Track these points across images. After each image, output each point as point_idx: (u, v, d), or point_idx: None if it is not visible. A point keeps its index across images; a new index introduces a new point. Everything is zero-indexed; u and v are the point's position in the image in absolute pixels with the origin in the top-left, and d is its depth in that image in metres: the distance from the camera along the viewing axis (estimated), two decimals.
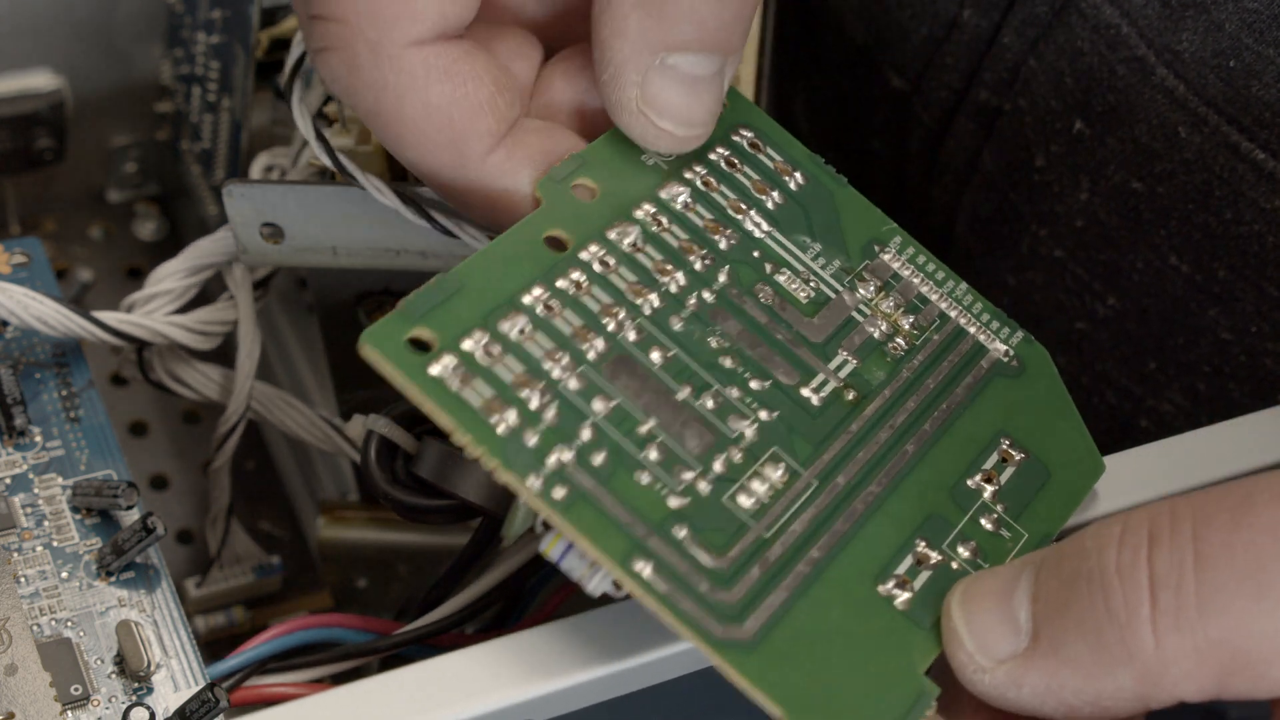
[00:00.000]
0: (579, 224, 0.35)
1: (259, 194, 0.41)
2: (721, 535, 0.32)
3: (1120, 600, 0.30)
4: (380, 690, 0.33)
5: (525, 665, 0.34)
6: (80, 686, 0.36)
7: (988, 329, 0.39)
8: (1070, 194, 0.49)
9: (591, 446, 0.32)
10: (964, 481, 0.36)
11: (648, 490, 0.32)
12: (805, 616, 0.32)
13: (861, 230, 0.39)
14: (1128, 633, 0.30)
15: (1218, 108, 0.44)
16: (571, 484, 0.32)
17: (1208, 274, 0.47)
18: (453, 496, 0.37)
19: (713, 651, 0.31)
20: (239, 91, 0.53)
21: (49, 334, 0.42)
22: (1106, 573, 0.30)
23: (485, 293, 0.33)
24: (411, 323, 0.32)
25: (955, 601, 0.32)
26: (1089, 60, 0.47)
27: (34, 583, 0.38)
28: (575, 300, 0.34)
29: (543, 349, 0.33)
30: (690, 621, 0.31)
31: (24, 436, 0.40)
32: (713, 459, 0.33)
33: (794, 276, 0.37)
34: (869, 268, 0.38)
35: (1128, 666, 0.30)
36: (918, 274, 0.39)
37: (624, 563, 0.31)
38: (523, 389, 0.32)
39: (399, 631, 0.39)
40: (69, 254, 0.60)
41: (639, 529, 0.32)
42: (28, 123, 0.55)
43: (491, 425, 0.32)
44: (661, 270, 0.36)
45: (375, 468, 0.38)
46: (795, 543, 0.33)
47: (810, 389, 0.36)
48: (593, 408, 0.33)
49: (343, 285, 0.44)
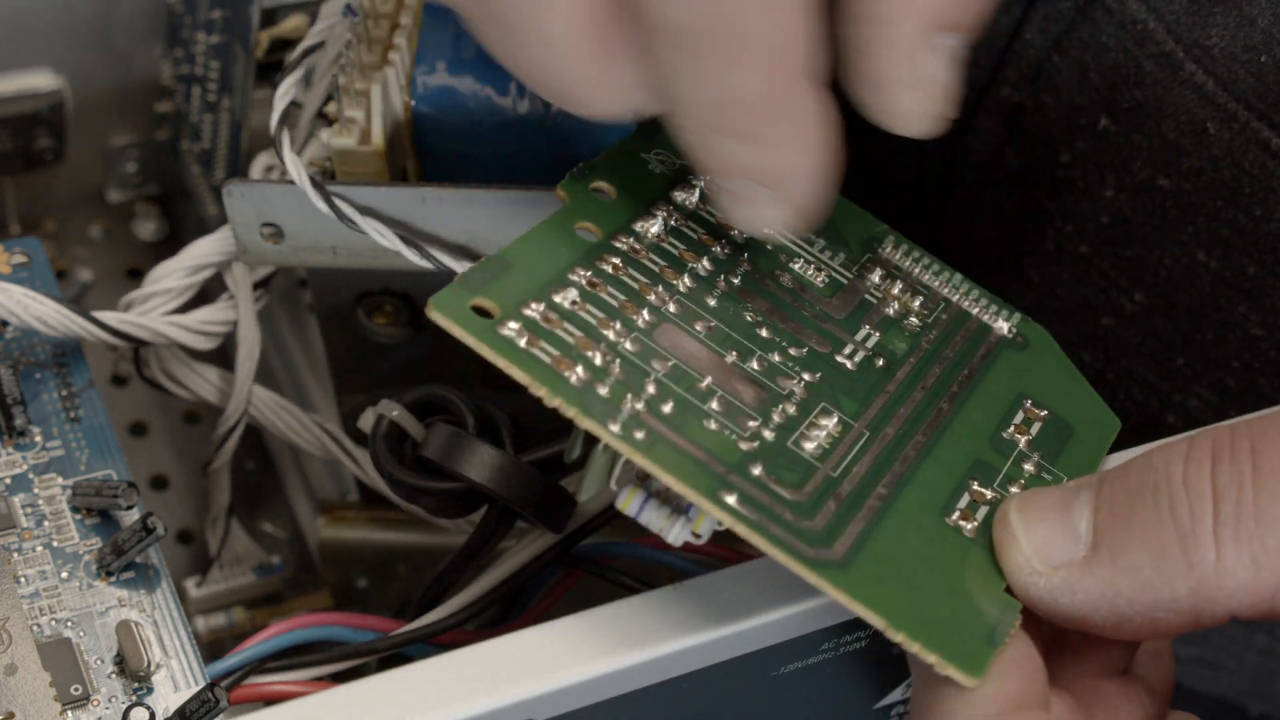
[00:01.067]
0: (605, 218, 0.37)
1: (259, 194, 0.41)
2: (794, 474, 0.34)
3: (1186, 511, 0.31)
4: (380, 689, 0.33)
5: (525, 665, 0.34)
6: (80, 686, 0.36)
7: (989, 310, 0.40)
8: (1096, 191, 0.49)
9: (660, 398, 0.33)
10: (1000, 433, 0.37)
11: (719, 435, 0.33)
12: (885, 542, 0.33)
13: (858, 231, 0.40)
14: (1190, 542, 0.31)
15: (1248, 104, 0.44)
16: (649, 428, 0.33)
17: (1237, 270, 0.47)
18: (459, 479, 0.37)
19: (809, 570, 0.32)
20: (239, 91, 0.53)
21: (49, 334, 0.42)
22: (1174, 484, 0.31)
23: (534, 270, 0.34)
24: (473, 292, 0.33)
25: (1013, 509, 0.33)
26: (1115, 56, 0.47)
27: (34, 583, 0.38)
28: (616, 279, 0.35)
29: (596, 318, 0.34)
30: (783, 544, 0.32)
31: (24, 436, 0.41)
32: (770, 411, 0.35)
33: (807, 265, 0.39)
34: (872, 260, 0.40)
35: (1186, 577, 0.31)
36: (915, 265, 0.40)
37: (712, 495, 0.32)
38: (587, 349, 0.33)
39: (399, 631, 0.39)
40: (69, 254, 0.60)
41: (719, 466, 0.33)
42: (28, 123, 0.55)
43: (565, 377, 0.33)
44: (688, 257, 0.37)
45: (382, 450, 0.38)
46: (861, 481, 0.34)
47: (843, 356, 0.37)
48: (653, 366, 0.34)
49: (343, 285, 0.44)
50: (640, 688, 0.35)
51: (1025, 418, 0.38)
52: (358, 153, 0.41)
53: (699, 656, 0.35)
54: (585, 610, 0.35)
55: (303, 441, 0.48)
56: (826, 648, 0.37)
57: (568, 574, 0.40)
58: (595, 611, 0.35)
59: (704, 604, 0.35)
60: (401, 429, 0.39)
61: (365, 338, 0.45)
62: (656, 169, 0.38)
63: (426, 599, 0.40)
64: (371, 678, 0.34)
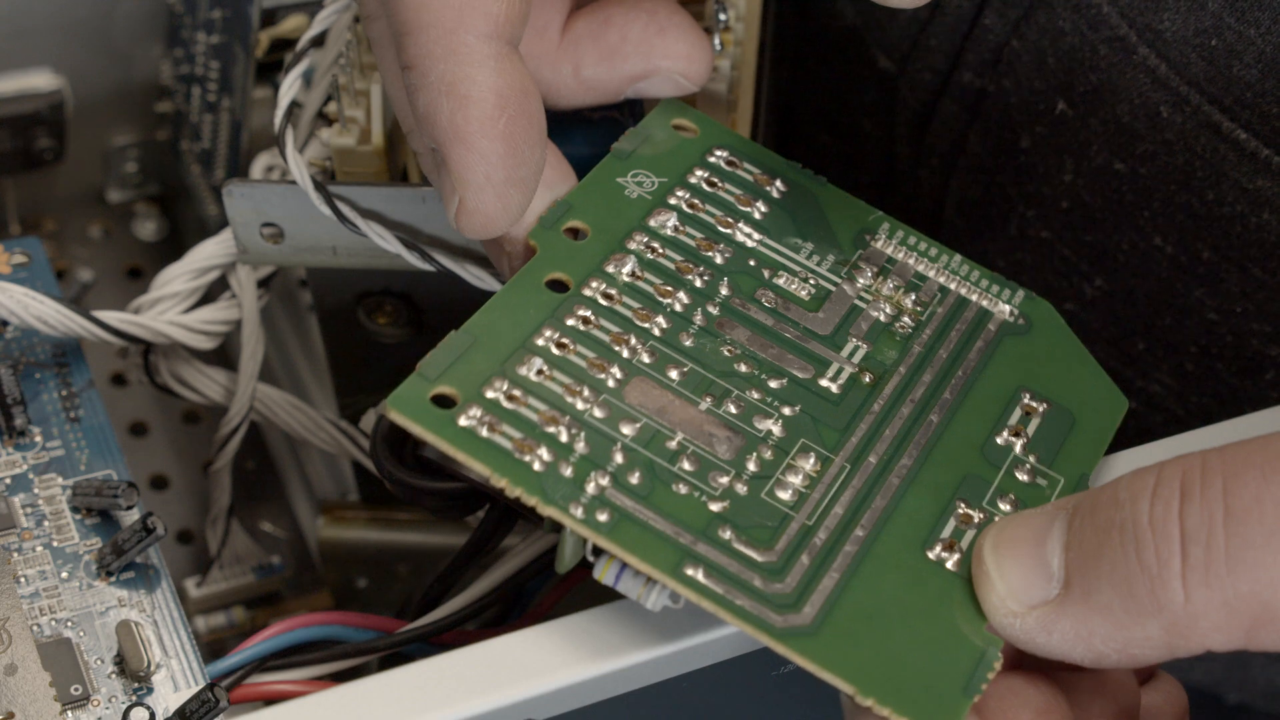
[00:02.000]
0: (576, 263, 0.36)
1: (259, 194, 0.41)
2: (765, 530, 0.33)
3: (1152, 553, 0.30)
4: (380, 689, 0.33)
5: (525, 665, 0.34)
6: (80, 686, 0.36)
7: (989, 294, 0.40)
8: (1055, 175, 0.49)
9: (626, 468, 0.33)
10: (993, 439, 0.37)
11: (687, 499, 0.33)
12: (860, 594, 0.33)
13: (849, 223, 0.40)
14: (1158, 585, 0.30)
15: (1199, 87, 0.45)
16: (613, 506, 0.33)
17: (1192, 255, 0.47)
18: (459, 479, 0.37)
19: (776, 642, 0.32)
20: (239, 91, 0.53)
21: (49, 334, 0.42)
22: (1140, 524, 0.31)
23: (498, 342, 0.34)
24: (431, 382, 0.33)
25: (988, 546, 0.33)
26: (1070, 40, 0.47)
27: (34, 583, 0.38)
28: (586, 334, 0.35)
29: (562, 385, 0.34)
30: (749, 617, 0.32)
31: (24, 436, 0.40)
32: (745, 460, 0.34)
33: (792, 277, 0.38)
34: (863, 256, 0.39)
35: (1157, 617, 0.30)
36: (911, 254, 0.40)
37: (675, 572, 0.32)
38: (550, 425, 0.33)
39: (399, 630, 0.39)
40: (69, 254, 0.60)
41: (685, 537, 0.33)
42: (28, 123, 0.55)
43: (526, 464, 0.33)
44: (663, 293, 0.37)
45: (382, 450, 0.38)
46: (838, 525, 0.34)
47: (827, 379, 0.37)
48: (621, 431, 0.34)
49: (343, 285, 0.44)
50: (640, 688, 0.35)
51: (1023, 414, 0.37)
52: (358, 152, 0.41)
53: (699, 656, 0.35)
54: (585, 610, 0.35)
55: (316, 439, 0.48)
56: None
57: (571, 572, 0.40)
58: (595, 611, 0.35)
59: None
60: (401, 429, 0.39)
61: (365, 338, 0.45)
62: (634, 193, 0.38)
63: (427, 599, 0.40)
64: (371, 678, 0.34)
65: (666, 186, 0.39)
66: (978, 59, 0.50)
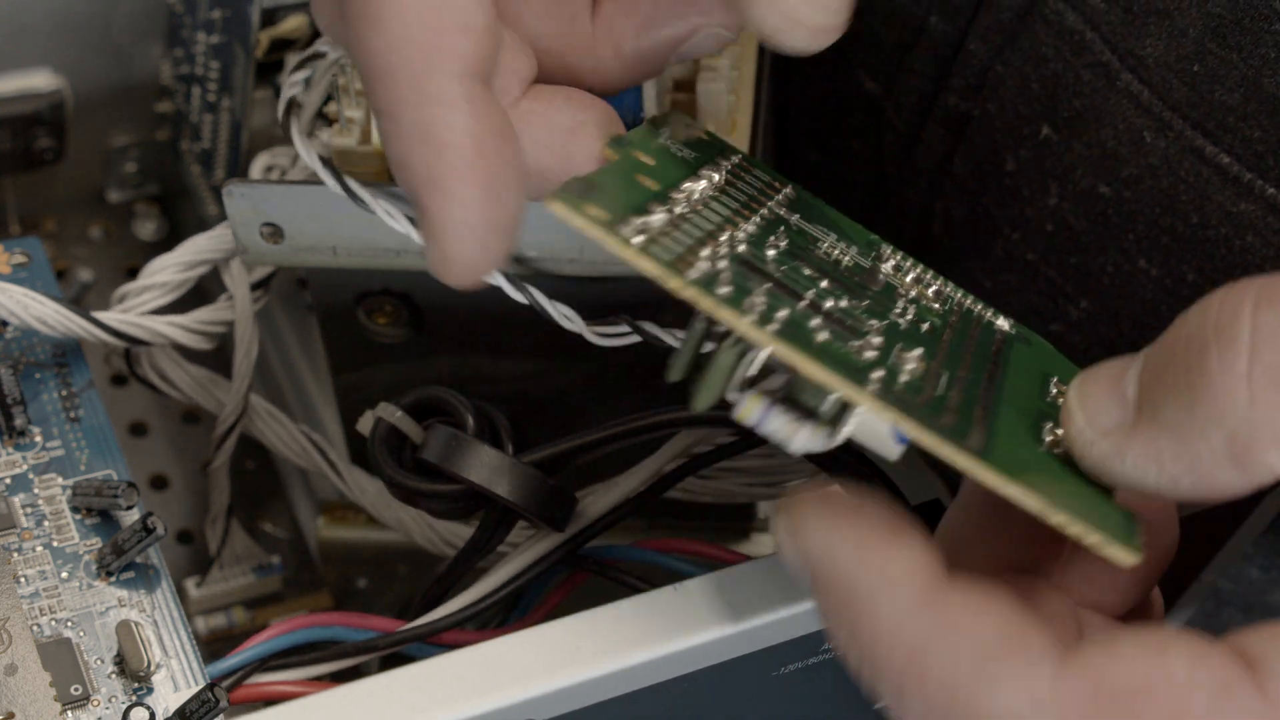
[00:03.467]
0: (654, 175, 0.36)
1: (259, 194, 0.41)
2: (910, 384, 0.33)
3: (1214, 356, 0.30)
4: (380, 690, 0.33)
5: (525, 665, 0.34)
6: (80, 686, 0.36)
7: (988, 311, 0.40)
8: (1040, 198, 0.49)
9: (772, 306, 0.32)
10: (1044, 396, 0.37)
11: (833, 344, 0.33)
12: (1007, 443, 0.33)
13: (858, 235, 0.40)
14: (1220, 388, 0.30)
15: (1182, 112, 0.45)
16: (776, 321, 0.32)
17: (1176, 277, 0.47)
18: (458, 480, 0.37)
19: (959, 453, 0.31)
20: (239, 91, 0.53)
21: (49, 334, 0.42)
22: (1204, 330, 0.30)
23: (621, 194, 0.34)
24: (580, 197, 0.32)
25: (1074, 383, 0.33)
26: (1054, 66, 0.47)
27: (34, 583, 0.38)
28: (688, 219, 0.35)
29: (688, 239, 0.33)
30: (932, 428, 0.31)
31: (24, 436, 0.41)
32: (863, 338, 0.34)
33: (832, 247, 0.38)
34: (878, 256, 0.40)
35: (1220, 425, 0.30)
36: (915, 268, 0.40)
37: (858, 379, 0.31)
38: (693, 258, 0.32)
39: (400, 630, 0.39)
40: (69, 254, 0.60)
41: (848, 365, 0.32)
42: (28, 123, 0.55)
43: (688, 272, 0.32)
44: (736, 218, 0.36)
45: (382, 452, 0.38)
46: (963, 396, 0.34)
47: (894, 315, 0.36)
48: (751, 284, 0.33)
49: (343, 285, 0.44)
50: (640, 688, 0.35)
51: (1058, 393, 0.37)
52: (358, 152, 0.41)
53: (699, 656, 0.35)
54: (585, 610, 0.35)
55: (288, 450, 0.48)
56: (827, 648, 0.38)
57: (570, 575, 0.40)
58: (595, 611, 0.35)
59: (704, 604, 0.35)
60: (400, 432, 0.39)
61: (365, 338, 0.45)
62: (679, 152, 0.38)
63: (428, 599, 0.40)
64: (371, 678, 0.34)
65: (701, 159, 0.39)
66: (962, 83, 0.50)
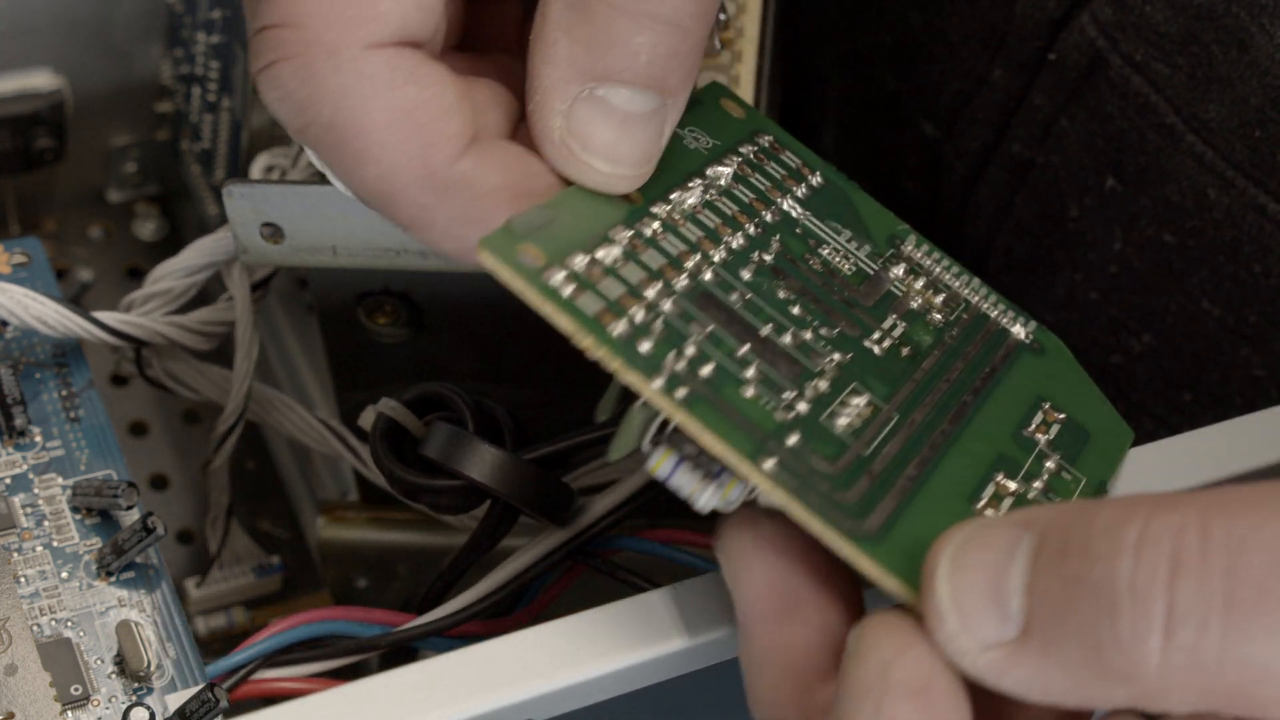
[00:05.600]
0: (644, 184, 0.36)
1: (259, 194, 0.41)
2: (829, 447, 0.33)
3: (1128, 623, 0.28)
4: (380, 689, 0.33)
5: (525, 665, 0.34)
6: (80, 686, 0.36)
7: (1006, 315, 0.40)
8: (1104, 243, 0.50)
9: (698, 360, 0.33)
10: (1020, 431, 0.37)
11: (755, 402, 0.33)
12: (916, 521, 0.33)
13: (881, 226, 0.40)
14: (1132, 656, 0.28)
15: (1245, 172, 0.46)
16: (690, 387, 0.32)
17: (1239, 318, 0.48)
18: (459, 477, 0.37)
19: (845, 541, 0.31)
20: (239, 91, 0.53)
21: (49, 334, 0.42)
22: (1116, 588, 0.28)
23: (578, 225, 0.34)
24: (519, 238, 0.33)
25: (943, 566, 0.30)
26: (1119, 124, 0.48)
27: (34, 583, 0.38)
28: (656, 243, 0.35)
29: (637, 277, 0.34)
30: (821, 513, 0.32)
31: (24, 436, 0.40)
32: (804, 385, 0.34)
33: (835, 252, 0.39)
34: (895, 255, 0.40)
35: (1125, 685, 0.28)
36: (936, 265, 0.40)
37: (753, 458, 0.32)
38: (628, 305, 0.33)
39: (401, 628, 0.39)
40: (69, 254, 0.60)
41: (758, 432, 0.32)
42: (28, 123, 0.55)
43: (608, 328, 0.32)
44: (722, 230, 0.37)
45: (382, 448, 0.38)
46: (892, 461, 0.34)
47: (871, 341, 0.37)
48: (691, 329, 0.33)
49: (343, 285, 0.44)
50: (640, 688, 0.35)
51: (1044, 419, 0.37)
52: None
53: (699, 656, 0.35)
54: (585, 610, 0.35)
55: (307, 438, 0.48)
56: None
57: (571, 568, 0.40)
58: (595, 611, 0.35)
59: (704, 604, 0.35)
60: (401, 427, 0.39)
61: (365, 338, 0.45)
62: (691, 145, 0.38)
63: (430, 596, 0.40)
64: (371, 678, 0.34)
65: (720, 149, 0.39)
66: (1026, 133, 0.50)
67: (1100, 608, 0.28)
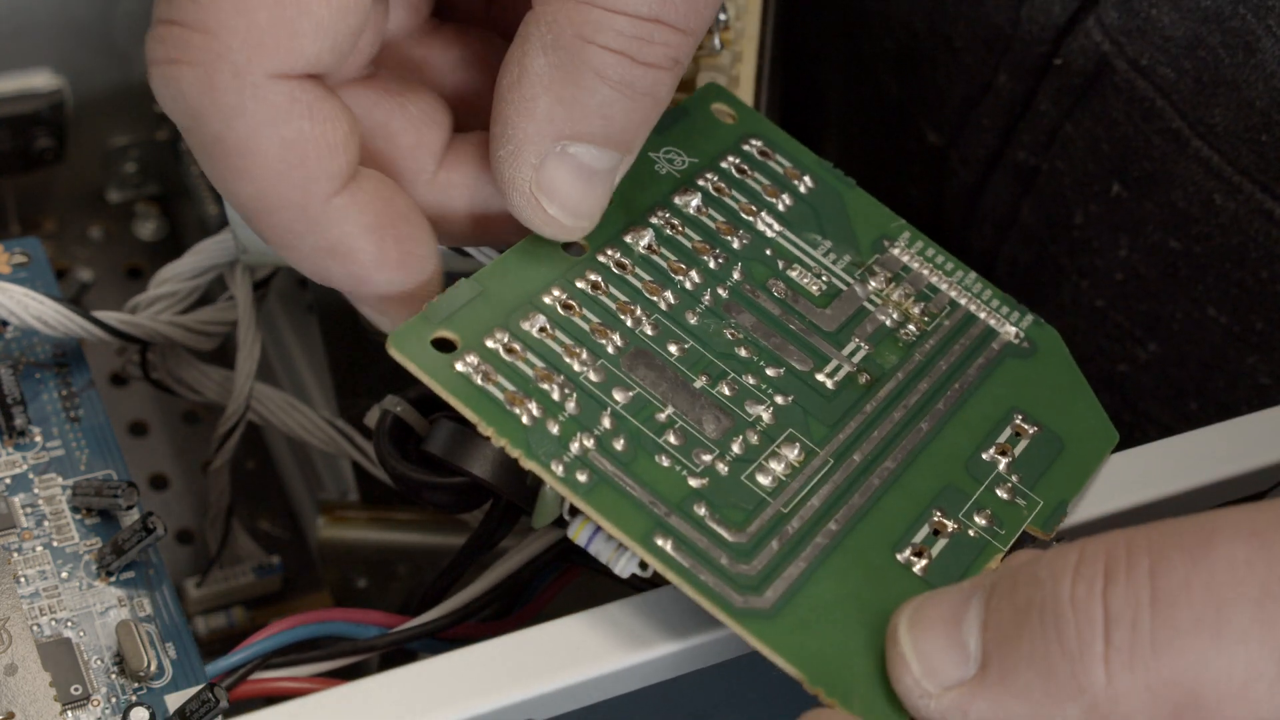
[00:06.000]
0: (595, 229, 0.36)
1: None
2: (740, 512, 0.34)
3: (1073, 634, 0.29)
4: (380, 689, 0.33)
5: (525, 665, 0.34)
6: (80, 686, 0.36)
7: (998, 314, 0.40)
8: (1109, 250, 0.50)
9: (612, 433, 0.34)
10: (979, 455, 0.37)
11: (668, 472, 0.34)
12: (824, 585, 0.33)
13: (871, 227, 0.40)
14: (1079, 667, 0.29)
15: (1251, 177, 0.46)
16: (593, 469, 0.33)
17: (1245, 325, 0.48)
18: (463, 474, 0.37)
19: (733, 620, 0.32)
20: None
21: (49, 334, 0.42)
22: (1060, 604, 0.29)
23: (506, 294, 0.35)
24: (435, 325, 0.34)
25: (903, 624, 0.32)
26: (1124, 129, 0.48)
27: (34, 583, 0.38)
28: (593, 299, 0.36)
29: (562, 345, 0.35)
30: (710, 593, 0.32)
31: (24, 436, 0.40)
32: (730, 441, 0.35)
33: (805, 271, 0.39)
34: (879, 261, 0.40)
35: (1077, 701, 0.29)
36: (927, 265, 0.40)
37: (645, 540, 0.32)
38: (544, 382, 0.34)
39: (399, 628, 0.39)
40: (69, 254, 0.60)
41: (660, 508, 0.33)
42: (28, 123, 0.55)
43: (516, 416, 0.33)
44: (676, 270, 0.37)
45: (387, 445, 0.38)
46: (813, 517, 0.34)
47: (824, 374, 0.37)
48: (613, 398, 0.34)
49: None
50: (640, 688, 0.35)
51: (1013, 434, 0.37)
52: None
53: (699, 656, 0.35)
54: (585, 610, 0.35)
55: (311, 438, 0.48)
56: None
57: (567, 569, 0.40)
58: (595, 611, 0.35)
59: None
60: (406, 424, 0.39)
61: (365, 338, 0.45)
62: (663, 169, 0.38)
63: (430, 595, 0.40)
64: (371, 678, 0.34)
65: (696, 167, 0.39)
66: (1031, 139, 0.51)
67: (1048, 626, 0.30)
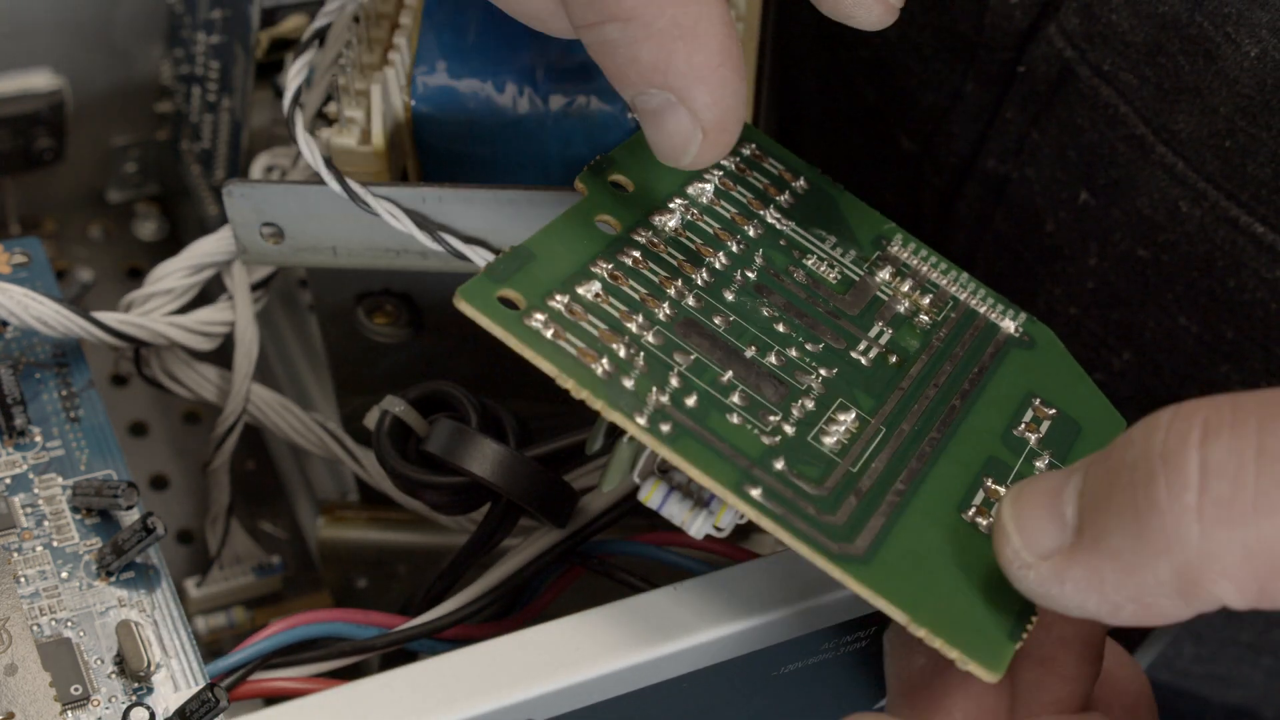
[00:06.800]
0: (623, 211, 0.37)
1: (259, 194, 0.41)
2: (815, 469, 0.34)
3: (1162, 486, 0.29)
4: (380, 689, 0.33)
5: (525, 665, 0.34)
6: (80, 686, 0.36)
7: (995, 309, 0.41)
8: (1080, 258, 0.50)
9: (682, 391, 0.34)
10: (1010, 431, 0.37)
11: (741, 429, 0.34)
12: (906, 537, 0.33)
13: (866, 228, 0.41)
14: (1169, 520, 0.29)
15: (1216, 184, 0.46)
16: (674, 420, 0.33)
17: (1216, 334, 0.48)
18: (462, 473, 0.37)
19: (833, 565, 0.32)
20: (239, 91, 0.53)
21: (49, 334, 0.42)
22: (1150, 458, 0.29)
23: (556, 262, 0.35)
24: (499, 283, 0.34)
25: (1006, 501, 0.32)
26: (1089, 136, 0.48)
27: (34, 583, 0.38)
28: (637, 272, 0.36)
29: (618, 311, 0.35)
30: (808, 538, 0.32)
31: (24, 436, 0.40)
32: (790, 406, 0.35)
33: (820, 261, 0.39)
34: (881, 257, 0.40)
35: (1168, 557, 0.29)
36: (924, 264, 0.41)
37: (737, 488, 0.32)
38: (610, 342, 0.34)
39: (401, 627, 0.39)
40: (69, 254, 0.60)
41: (742, 460, 0.33)
42: (28, 123, 0.55)
43: (591, 370, 0.33)
44: (705, 251, 0.37)
45: (386, 445, 0.38)
46: (880, 476, 0.35)
47: (858, 352, 0.37)
48: (675, 359, 0.34)
49: (343, 285, 0.44)
50: (640, 688, 0.35)
51: (1034, 416, 0.38)
52: (358, 152, 0.41)
53: (699, 656, 0.35)
54: (586, 610, 0.35)
55: (304, 440, 0.48)
56: (827, 648, 0.38)
57: (569, 570, 0.40)
58: (596, 611, 0.35)
59: (704, 604, 0.35)
60: (405, 424, 0.39)
61: (365, 338, 0.45)
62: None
63: (430, 595, 0.40)
64: (371, 678, 0.34)
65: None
66: (1000, 147, 0.51)
67: (1137, 480, 0.29)
